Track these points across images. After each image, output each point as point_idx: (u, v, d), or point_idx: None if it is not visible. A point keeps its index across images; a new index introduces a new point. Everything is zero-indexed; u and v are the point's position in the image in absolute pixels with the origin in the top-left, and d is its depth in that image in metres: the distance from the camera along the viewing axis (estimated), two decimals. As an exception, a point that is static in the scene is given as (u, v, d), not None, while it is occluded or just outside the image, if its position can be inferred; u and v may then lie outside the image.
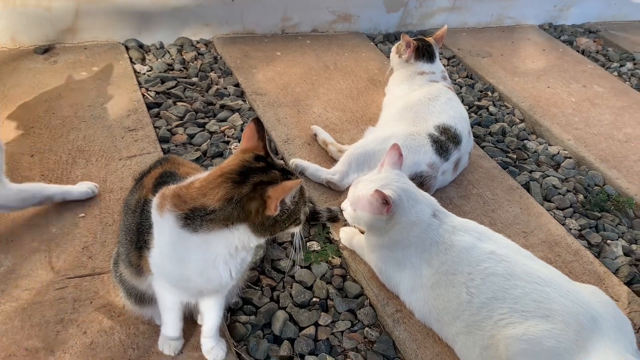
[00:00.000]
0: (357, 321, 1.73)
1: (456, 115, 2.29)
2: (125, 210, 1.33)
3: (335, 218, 2.00)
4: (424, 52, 2.51)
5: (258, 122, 1.23)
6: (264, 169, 1.15)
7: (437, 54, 2.58)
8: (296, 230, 1.23)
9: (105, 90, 2.47)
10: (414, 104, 2.34)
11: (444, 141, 2.15)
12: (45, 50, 2.66)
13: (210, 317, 1.44)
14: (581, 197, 2.43)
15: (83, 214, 1.87)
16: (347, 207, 1.76)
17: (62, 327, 1.53)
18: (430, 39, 2.61)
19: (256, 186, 1.12)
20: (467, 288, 1.58)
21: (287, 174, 1.17)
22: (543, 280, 1.57)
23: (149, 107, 2.43)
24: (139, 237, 1.26)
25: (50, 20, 2.64)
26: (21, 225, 1.79)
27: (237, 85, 2.72)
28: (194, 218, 1.13)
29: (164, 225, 1.16)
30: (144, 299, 1.43)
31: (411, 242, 1.69)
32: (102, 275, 1.68)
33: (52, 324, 1.53)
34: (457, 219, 1.73)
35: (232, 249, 1.18)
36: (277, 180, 1.14)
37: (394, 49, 2.63)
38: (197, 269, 1.20)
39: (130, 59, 2.75)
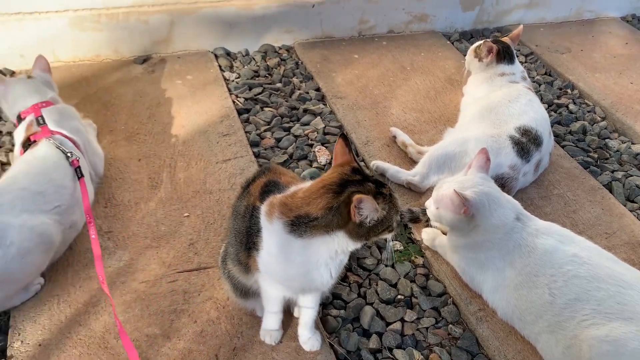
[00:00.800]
0: (441, 318, 1.83)
1: (537, 117, 2.32)
2: (235, 215, 1.49)
3: (417, 219, 2.10)
4: (504, 54, 2.54)
5: (345, 138, 1.36)
6: (360, 181, 1.28)
7: (515, 55, 2.61)
8: (389, 236, 1.35)
9: (199, 98, 2.67)
10: (494, 105, 2.38)
11: (525, 143, 2.19)
12: (144, 60, 2.90)
13: (308, 311, 1.58)
14: (667, 197, 2.40)
15: (187, 214, 2.07)
16: (431, 206, 1.86)
17: (175, 316, 1.72)
18: (506, 39, 2.64)
19: (351, 195, 1.25)
20: (550, 289, 1.64)
21: (380, 186, 1.29)
22: (627, 283, 1.60)
23: (239, 112, 2.61)
24: (248, 239, 1.41)
25: (148, 32, 2.87)
26: (135, 224, 2.01)
27: (317, 89, 2.86)
28: (299, 225, 1.27)
29: (272, 231, 1.31)
30: (249, 293, 1.59)
31: (494, 245, 1.76)
32: (207, 270, 1.87)
33: (167, 313, 1.73)
34: (540, 222, 1.79)
35: (332, 253, 1.32)
36: (371, 191, 1.26)
37: (471, 51, 2.67)
38: (301, 269, 1.34)
39: (220, 66, 2.95)
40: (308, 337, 1.63)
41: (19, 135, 2.00)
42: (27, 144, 1.91)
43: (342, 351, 1.68)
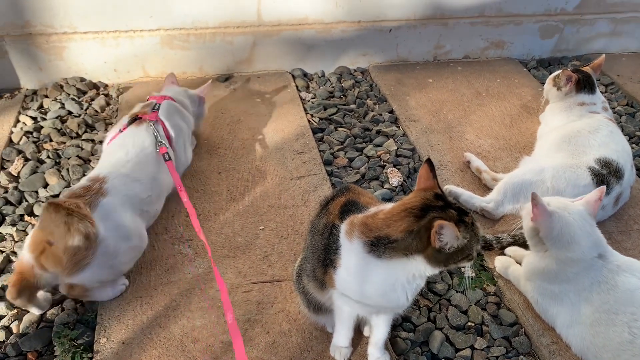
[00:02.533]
0: (511, 348, 1.80)
1: (618, 149, 2.26)
2: (313, 232, 1.55)
3: (490, 246, 2.08)
4: (585, 83, 2.49)
5: (430, 163, 1.38)
6: (442, 207, 1.30)
7: (596, 85, 2.55)
8: (467, 264, 1.35)
9: (277, 116, 2.78)
10: (573, 135, 2.34)
11: (605, 175, 2.14)
12: (226, 78, 3.05)
13: (380, 330, 1.60)
14: None
15: (262, 227, 2.14)
16: (524, 209, 1.87)
17: (249, 325, 1.79)
18: (587, 69, 2.59)
19: (432, 220, 1.27)
20: (630, 328, 1.59)
21: (463, 214, 1.30)
22: None
23: (314, 132, 2.69)
24: (325, 256, 1.46)
25: (232, 52, 3.02)
26: (214, 234, 2.10)
27: (391, 111, 2.90)
28: (379, 245, 1.31)
29: (352, 249, 1.35)
30: (321, 308, 1.63)
31: (569, 279, 1.72)
32: (280, 282, 1.93)
33: (241, 322, 1.79)
34: (621, 258, 1.74)
35: (409, 276, 1.34)
36: (453, 219, 1.27)
37: (549, 80, 2.63)
38: (378, 290, 1.37)
39: (297, 86, 3.05)
40: (377, 356, 1.64)
41: (133, 109, 2.24)
42: (134, 119, 2.13)
43: (410, 373, 1.69)
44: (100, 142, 2.50)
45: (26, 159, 2.43)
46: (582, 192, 2.07)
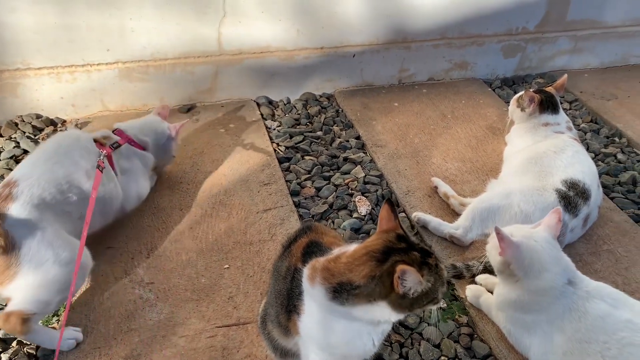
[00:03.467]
0: (486, 382, 1.75)
1: (584, 169, 2.25)
2: (276, 276, 1.48)
3: (461, 275, 2.04)
4: (547, 104, 2.50)
5: (391, 203, 1.33)
6: (405, 249, 1.25)
7: (560, 104, 2.56)
8: (433, 308, 1.30)
9: (242, 146, 2.72)
10: (539, 156, 2.33)
11: (573, 197, 2.13)
12: (189, 109, 2.98)
13: (349, 375, 1.54)
14: None
15: (227, 266, 2.07)
16: (489, 242, 1.83)
17: (214, 373, 1.71)
18: (551, 89, 2.60)
19: (395, 265, 1.21)
20: (603, 357, 1.55)
21: (426, 255, 1.25)
22: (687, 352, 1.51)
23: (280, 161, 2.64)
24: (288, 302, 1.40)
25: (193, 82, 2.96)
26: (176, 276, 2.02)
27: (358, 137, 2.87)
28: (342, 292, 1.25)
29: (314, 296, 1.29)
30: (288, 354, 1.56)
31: (542, 308, 1.69)
32: (246, 325, 1.85)
33: (206, 370, 1.72)
34: (591, 284, 1.71)
35: (374, 322, 1.28)
36: (416, 261, 1.22)
37: (513, 101, 2.64)
38: (343, 338, 1.31)
39: (262, 115, 3.00)
40: (349, 401, 1.58)
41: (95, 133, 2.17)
42: None
43: (383, 416, 1.63)
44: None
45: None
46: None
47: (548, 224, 1.76)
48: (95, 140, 2.07)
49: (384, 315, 1.26)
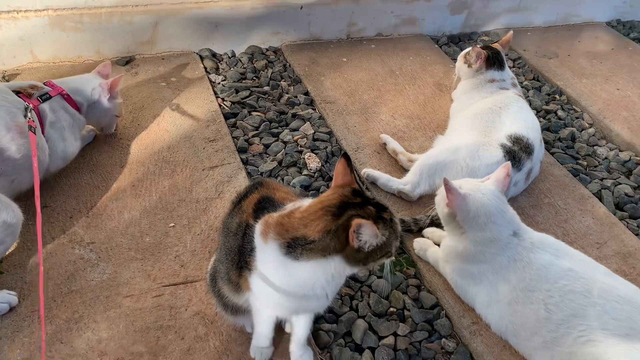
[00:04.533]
0: (434, 332, 1.79)
1: (528, 125, 2.30)
2: (226, 232, 1.44)
3: (409, 229, 2.07)
4: (494, 60, 2.52)
5: (347, 157, 1.30)
6: (360, 204, 1.23)
7: (505, 61, 2.59)
8: (387, 261, 1.30)
9: (185, 101, 2.60)
10: (485, 112, 2.36)
11: (517, 151, 2.17)
12: (127, 61, 2.82)
13: (300, 328, 1.53)
14: (655, 205, 2.40)
15: (173, 224, 2.00)
16: (438, 194, 1.86)
17: (161, 333, 1.66)
18: (497, 46, 2.62)
19: (350, 219, 1.20)
20: (546, 305, 1.62)
21: (381, 210, 1.24)
22: (622, 297, 1.59)
23: (226, 117, 2.55)
24: (239, 258, 1.36)
25: (132, 33, 2.79)
26: (119, 235, 1.94)
27: (306, 93, 2.81)
28: (295, 247, 1.22)
29: (267, 251, 1.26)
30: (239, 310, 1.54)
31: (487, 259, 1.73)
32: (194, 283, 1.81)
33: (153, 329, 1.66)
34: (535, 235, 1.76)
35: (328, 277, 1.27)
36: (372, 216, 1.21)
37: (460, 57, 2.64)
38: (297, 292, 1.29)
39: (205, 68, 2.87)
40: (300, 354, 1.58)
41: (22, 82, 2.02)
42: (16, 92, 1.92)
43: (335, 368, 1.64)
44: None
45: None
46: (495, 169, 2.08)
47: (496, 178, 1.79)
48: (19, 92, 1.91)
49: (338, 269, 1.25)
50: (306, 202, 1.28)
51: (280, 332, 1.66)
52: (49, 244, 1.87)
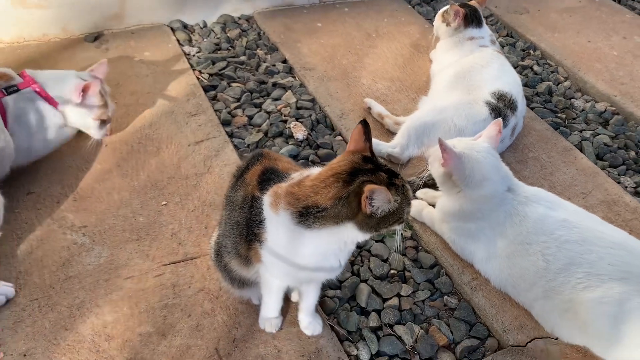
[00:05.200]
0: (435, 290, 1.83)
1: (510, 81, 2.33)
2: (231, 207, 1.41)
3: (403, 191, 2.08)
4: (472, 18, 2.52)
5: (366, 124, 1.29)
6: (372, 170, 1.22)
7: (483, 18, 2.59)
8: (398, 228, 1.31)
9: (160, 75, 2.52)
10: (467, 70, 2.37)
11: (502, 108, 2.19)
12: (96, 37, 2.70)
13: (310, 296, 1.54)
14: (633, 153, 2.47)
15: (165, 202, 1.96)
16: (430, 155, 1.87)
17: (167, 311, 1.64)
18: (474, 3, 2.61)
19: (362, 185, 1.19)
20: (544, 256, 1.66)
21: (393, 176, 1.24)
22: (616, 243, 1.65)
23: (205, 90, 2.49)
24: (248, 231, 1.35)
25: (99, 7, 2.67)
26: (110, 217, 1.89)
27: (284, 61, 2.76)
28: (308, 215, 1.21)
29: (279, 222, 1.25)
30: (246, 283, 1.53)
31: (484, 215, 1.77)
32: (195, 260, 1.79)
33: (158, 309, 1.65)
34: (528, 189, 1.80)
35: (341, 244, 1.27)
36: (383, 182, 1.21)
37: (438, 16, 2.63)
38: (310, 260, 1.29)
39: (178, 40, 2.79)
40: (309, 321, 1.59)
41: None
42: None
43: (343, 332, 1.66)
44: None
45: None
46: (482, 127, 2.10)
47: (489, 135, 1.81)
48: None
49: (350, 236, 1.25)
50: (315, 170, 1.27)
51: (287, 302, 1.67)
52: (38, 231, 1.82)
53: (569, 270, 1.63)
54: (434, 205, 1.98)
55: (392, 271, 1.87)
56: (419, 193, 2.09)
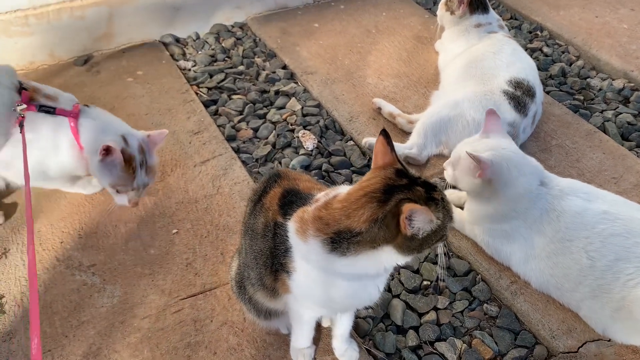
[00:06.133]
0: (473, 299, 1.71)
1: (525, 67, 2.21)
2: (251, 235, 1.29)
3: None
4: (477, 4, 2.39)
5: (386, 134, 1.17)
6: (407, 185, 1.09)
7: (489, 3, 2.47)
8: (440, 245, 1.19)
9: (157, 94, 2.40)
10: (478, 59, 2.25)
11: (520, 96, 2.07)
12: (85, 60, 2.58)
13: (344, 322, 1.42)
14: (659, 129, 2.35)
15: (176, 230, 1.85)
16: (448, 167, 1.74)
17: (191, 350, 1.53)
18: (477, -13, 2.49)
19: (399, 204, 1.07)
20: (587, 252, 1.55)
21: (431, 189, 1.11)
22: (663, 232, 1.53)
23: (206, 105, 2.37)
24: (273, 261, 1.23)
25: (86, 29, 2.55)
26: (120, 252, 1.77)
27: (284, 67, 2.63)
28: (341, 241, 1.09)
29: (309, 251, 1.12)
30: (274, 314, 1.42)
31: (519, 214, 1.65)
32: (214, 290, 1.67)
33: (181, 349, 1.53)
34: (562, 181, 1.68)
35: (380, 270, 1.15)
36: (422, 198, 1.08)
37: (441, 5, 2.50)
38: (347, 291, 1.17)
39: (172, 55, 2.66)
40: (345, 348, 1.48)
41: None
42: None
43: (382, 355, 1.54)
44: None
45: None
46: (503, 118, 1.99)
47: (496, 130, 1.69)
48: (24, 88, 1.70)
49: (389, 260, 1.12)
50: (342, 189, 1.15)
51: (318, 327, 1.55)
52: (44, 274, 1.70)
53: (617, 266, 1.51)
54: (459, 206, 1.86)
55: (425, 283, 1.75)
56: (443, 195, 1.96)
